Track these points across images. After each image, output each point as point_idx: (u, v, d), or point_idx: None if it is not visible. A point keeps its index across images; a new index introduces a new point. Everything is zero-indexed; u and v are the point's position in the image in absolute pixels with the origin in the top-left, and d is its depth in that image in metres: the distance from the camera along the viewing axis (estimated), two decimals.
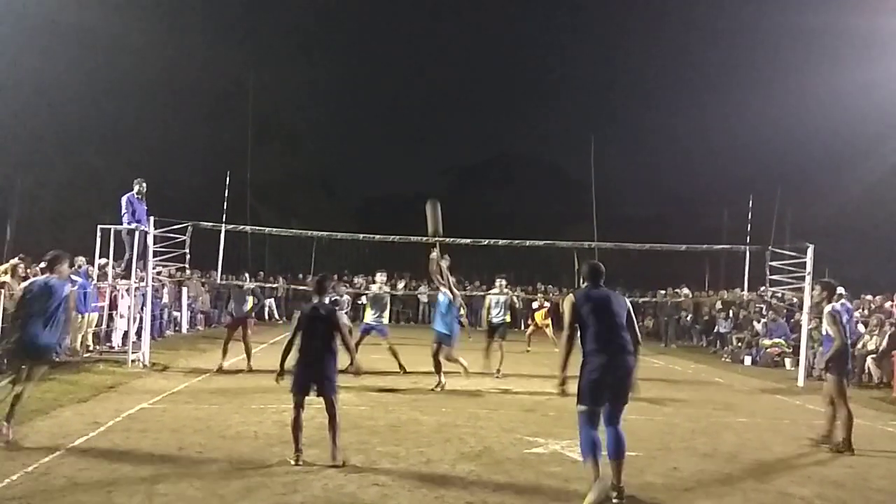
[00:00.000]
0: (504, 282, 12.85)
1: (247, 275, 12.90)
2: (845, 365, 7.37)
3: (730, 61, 39.20)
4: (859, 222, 29.14)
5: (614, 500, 5.13)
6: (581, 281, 5.88)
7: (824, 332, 7.52)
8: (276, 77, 32.63)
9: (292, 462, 5.86)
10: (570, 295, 5.65)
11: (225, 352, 11.68)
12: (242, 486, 5.29)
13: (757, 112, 32.87)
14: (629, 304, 5.56)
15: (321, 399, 6.09)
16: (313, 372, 6.04)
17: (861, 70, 24.80)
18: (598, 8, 50.83)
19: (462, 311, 10.84)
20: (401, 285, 24.61)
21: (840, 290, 12.97)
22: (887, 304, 14.76)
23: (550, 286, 25.49)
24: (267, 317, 24.46)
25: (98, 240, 12.46)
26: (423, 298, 24.51)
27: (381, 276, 12.51)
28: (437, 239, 13.36)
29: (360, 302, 24.36)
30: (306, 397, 6.03)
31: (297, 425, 5.96)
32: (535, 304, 17.66)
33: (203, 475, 5.51)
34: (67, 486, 5.13)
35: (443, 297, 10.46)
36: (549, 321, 16.72)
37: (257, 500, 5.01)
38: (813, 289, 10.62)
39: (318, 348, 6.06)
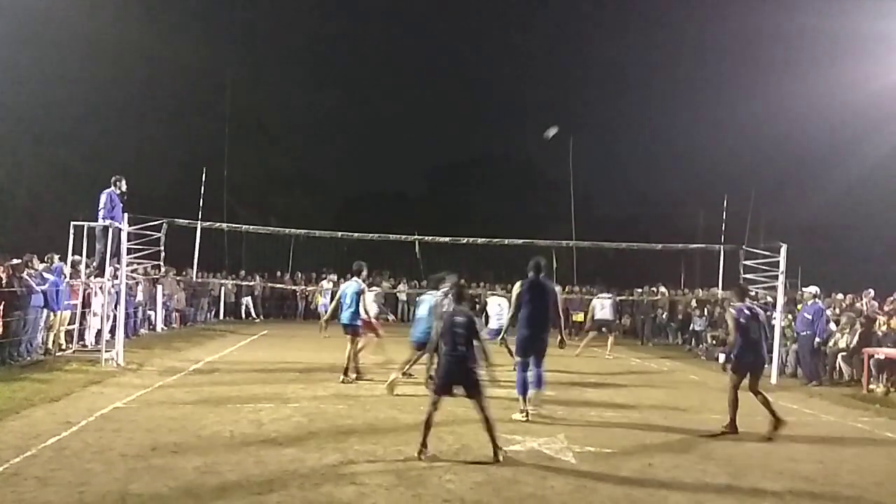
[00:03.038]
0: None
1: (391, 279, 12.72)
2: (739, 357, 7.95)
3: (706, 63, 39.67)
4: (833, 223, 29.68)
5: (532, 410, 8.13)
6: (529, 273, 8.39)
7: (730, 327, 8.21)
8: (255, 74, 32.43)
9: (416, 456, 6.13)
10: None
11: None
12: (218, 485, 5.24)
13: (732, 114, 33.30)
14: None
15: (298, 398, 6.07)
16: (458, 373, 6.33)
17: (836, 72, 25.23)
18: (575, 9, 51.14)
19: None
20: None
21: (813, 289, 13.28)
22: (857, 304, 15.04)
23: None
24: (244, 315, 24.29)
25: (71, 236, 12.28)
26: (402, 297, 24.47)
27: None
28: (416, 238, 13.38)
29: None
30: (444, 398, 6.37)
31: (428, 423, 6.24)
32: None
33: (178, 475, 5.46)
34: (38, 486, 5.05)
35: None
36: None
37: (233, 500, 4.97)
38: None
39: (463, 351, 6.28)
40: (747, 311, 8.02)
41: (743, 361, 7.96)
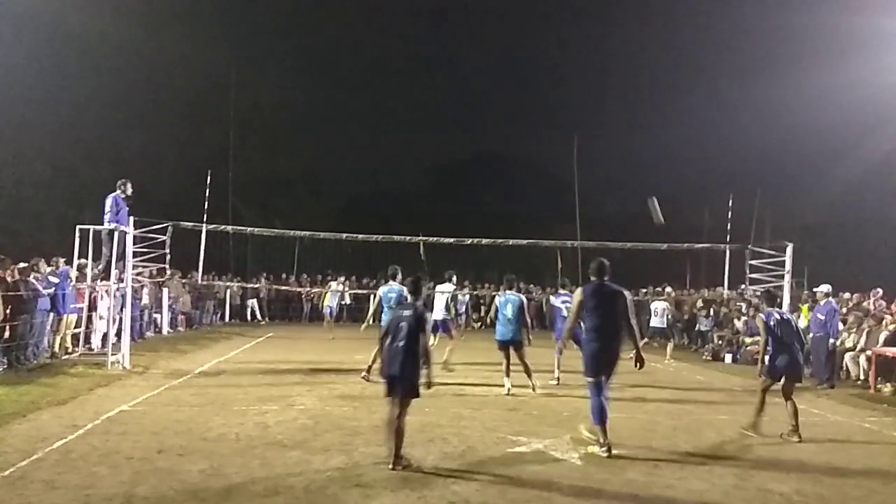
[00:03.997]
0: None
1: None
2: (771, 361, 7.98)
3: (711, 61, 39.58)
4: (840, 221, 29.51)
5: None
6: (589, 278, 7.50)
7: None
8: (258, 75, 32.46)
9: (389, 467, 5.84)
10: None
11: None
12: (223, 488, 5.25)
13: (738, 111, 33.20)
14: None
15: (304, 400, 6.07)
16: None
17: (841, 69, 25.09)
18: (582, 7, 51.10)
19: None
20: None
21: (826, 287, 13.19)
22: (864, 303, 14.96)
23: (532, 286, 25.59)
24: (249, 317, 24.34)
25: (77, 240, 12.32)
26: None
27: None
28: (420, 239, 13.36)
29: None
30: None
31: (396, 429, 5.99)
32: None
33: (183, 478, 5.47)
34: (45, 489, 5.07)
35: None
36: None
37: (238, 503, 4.97)
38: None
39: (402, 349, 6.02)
40: (777, 316, 8.08)
41: (776, 366, 7.96)
